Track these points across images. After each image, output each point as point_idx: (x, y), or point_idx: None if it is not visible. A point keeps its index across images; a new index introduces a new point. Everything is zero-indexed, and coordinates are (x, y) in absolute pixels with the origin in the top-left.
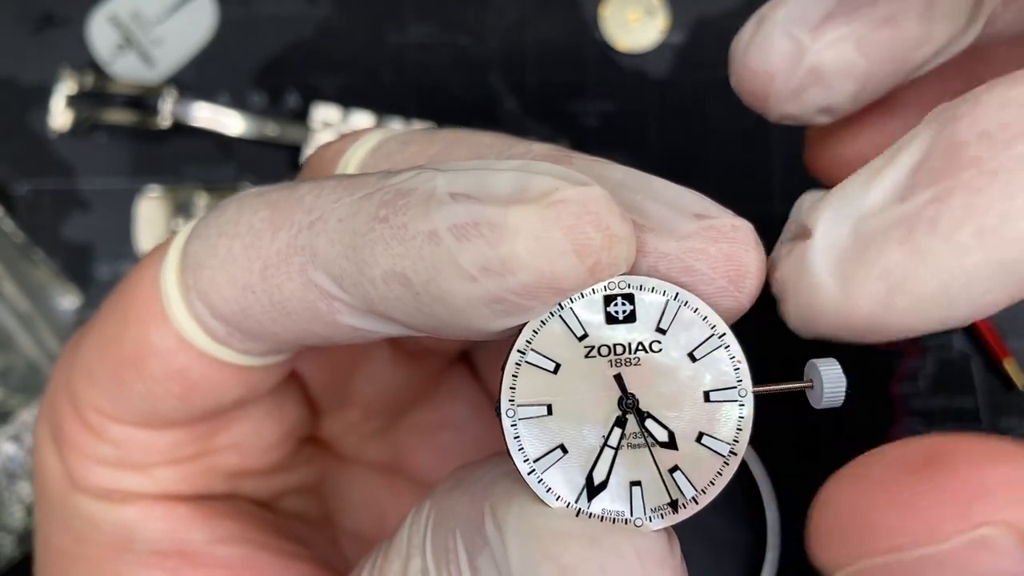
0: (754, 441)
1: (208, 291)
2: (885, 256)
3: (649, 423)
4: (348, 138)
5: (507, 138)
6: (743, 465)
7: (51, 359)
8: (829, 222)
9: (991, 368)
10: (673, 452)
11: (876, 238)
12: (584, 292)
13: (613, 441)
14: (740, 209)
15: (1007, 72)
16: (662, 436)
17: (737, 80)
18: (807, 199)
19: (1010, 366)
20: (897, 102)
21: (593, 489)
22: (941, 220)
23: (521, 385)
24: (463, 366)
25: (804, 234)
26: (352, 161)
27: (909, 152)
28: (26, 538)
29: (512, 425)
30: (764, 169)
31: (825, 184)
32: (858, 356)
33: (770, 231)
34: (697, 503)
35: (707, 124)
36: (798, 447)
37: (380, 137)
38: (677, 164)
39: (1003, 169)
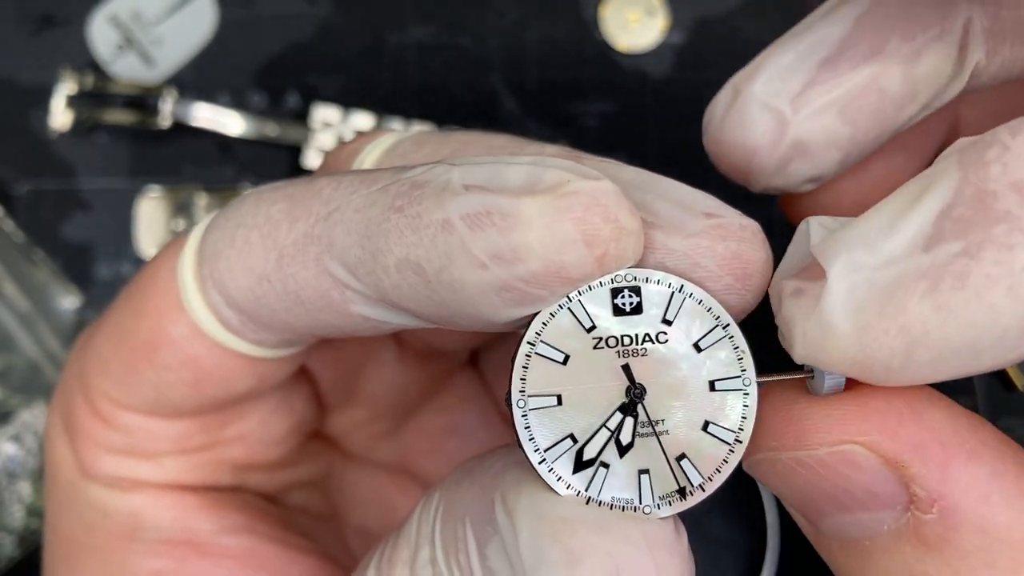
0: None
1: (224, 280)
2: (908, 309)
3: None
4: (362, 139)
5: (519, 140)
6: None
7: (51, 359)
8: (845, 266)
9: None
10: (680, 440)
11: (898, 289)
12: (592, 285)
13: (614, 425)
14: (740, 209)
15: (986, 109)
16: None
17: (714, 154)
18: (815, 229)
19: (1010, 366)
20: (885, 153)
21: (581, 464)
22: (971, 276)
23: (531, 376)
24: (473, 373)
25: (815, 272)
26: (367, 161)
27: (934, 196)
28: (26, 538)
29: (523, 416)
30: None
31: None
32: None
33: (769, 231)
34: (704, 490)
35: None
36: None
37: (394, 138)
38: (677, 164)
39: None
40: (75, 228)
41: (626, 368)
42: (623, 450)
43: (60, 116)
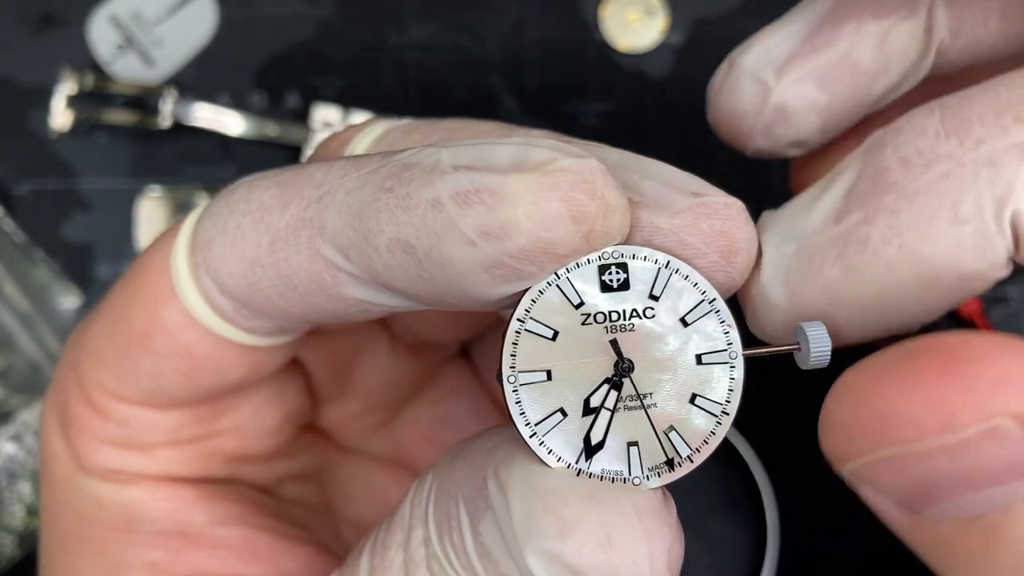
0: (754, 442)
1: (217, 266)
2: (824, 273)
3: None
4: (353, 129)
5: (507, 126)
6: (743, 466)
7: (51, 359)
8: (775, 241)
9: None
10: (668, 413)
11: (815, 256)
12: (580, 262)
13: (606, 402)
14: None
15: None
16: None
17: (713, 120)
18: (763, 216)
19: None
20: (869, 129)
21: (591, 449)
22: (869, 239)
23: (521, 352)
24: (463, 364)
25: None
26: (357, 149)
27: (844, 177)
28: (26, 538)
29: (513, 391)
30: (763, 169)
31: None
32: (856, 356)
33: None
34: (692, 462)
35: (706, 124)
36: (798, 448)
37: (384, 127)
38: (676, 164)
39: (919, 192)
40: (75, 228)
41: (614, 343)
42: (587, 411)
43: (60, 116)
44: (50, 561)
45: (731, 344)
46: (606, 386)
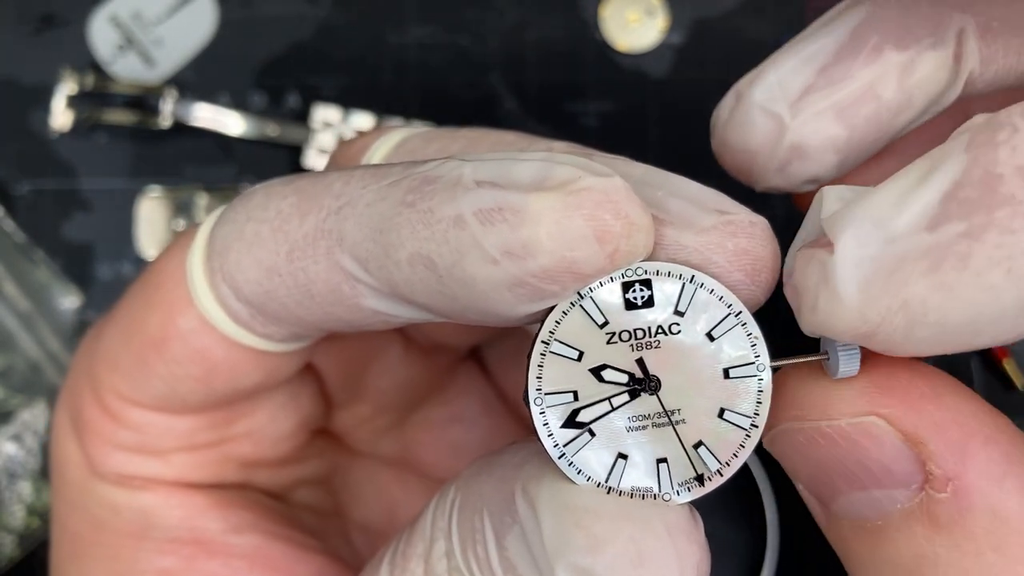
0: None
1: (234, 273)
2: (910, 286)
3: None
4: (371, 135)
5: (529, 137)
6: (743, 467)
7: (52, 359)
8: (854, 238)
9: (990, 368)
10: (697, 428)
11: (902, 265)
12: (603, 280)
13: (617, 403)
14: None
15: (996, 108)
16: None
17: (719, 155)
18: (828, 200)
19: (1009, 366)
20: (887, 156)
21: (572, 422)
22: (972, 257)
23: (547, 374)
24: (473, 363)
25: (825, 243)
26: (376, 157)
27: (942, 175)
28: (26, 538)
29: (541, 412)
30: None
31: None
32: None
33: (773, 225)
34: (722, 475)
35: (707, 124)
36: None
37: (403, 135)
38: (676, 164)
39: None
40: (75, 228)
41: (640, 361)
42: (595, 374)
43: (60, 116)
44: (60, 566)
45: (758, 356)
46: (625, 375)
